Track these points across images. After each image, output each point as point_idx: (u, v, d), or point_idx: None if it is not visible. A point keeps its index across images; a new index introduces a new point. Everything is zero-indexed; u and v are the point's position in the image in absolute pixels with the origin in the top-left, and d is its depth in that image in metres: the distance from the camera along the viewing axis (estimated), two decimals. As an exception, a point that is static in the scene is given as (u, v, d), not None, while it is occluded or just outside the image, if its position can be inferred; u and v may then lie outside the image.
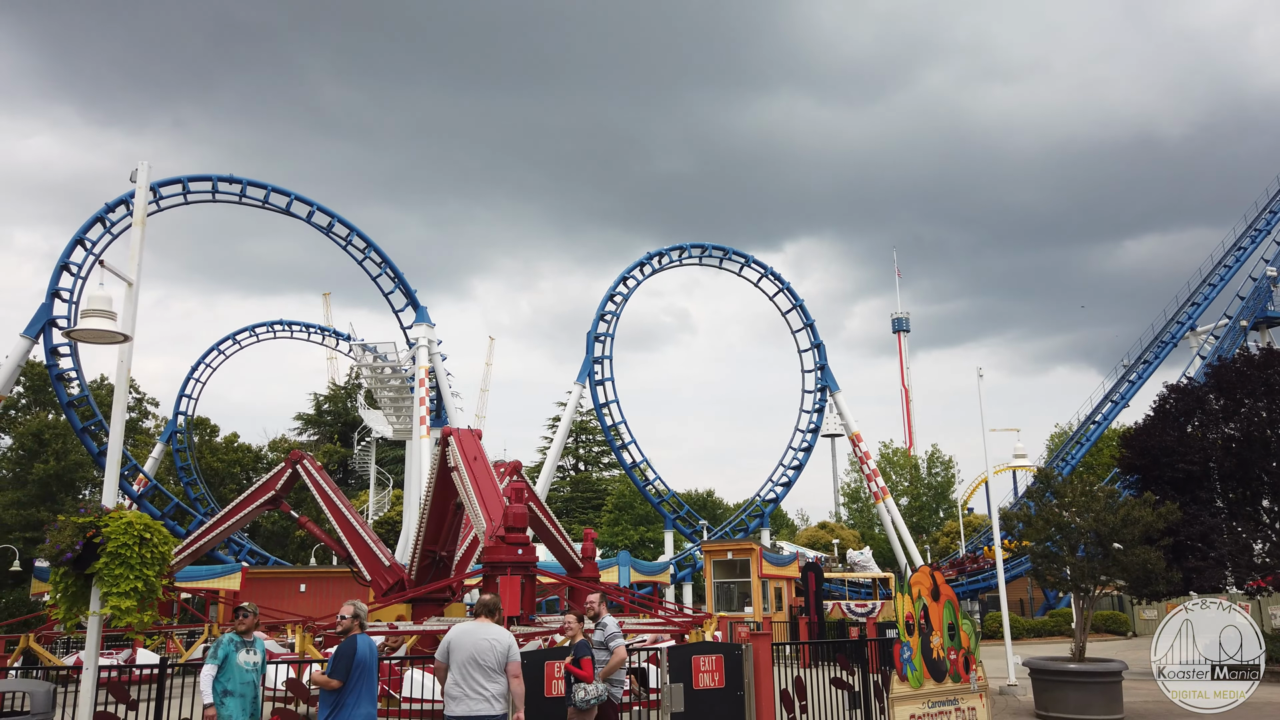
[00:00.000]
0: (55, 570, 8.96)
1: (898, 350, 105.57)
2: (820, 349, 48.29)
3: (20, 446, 49.21)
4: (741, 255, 48.22)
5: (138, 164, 10.12)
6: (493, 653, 7.50)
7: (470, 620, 7.86)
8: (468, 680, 7.38)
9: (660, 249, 47.10)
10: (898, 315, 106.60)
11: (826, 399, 48.04)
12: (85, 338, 9.36)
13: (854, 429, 48.39)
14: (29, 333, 33.89)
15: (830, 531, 61.06)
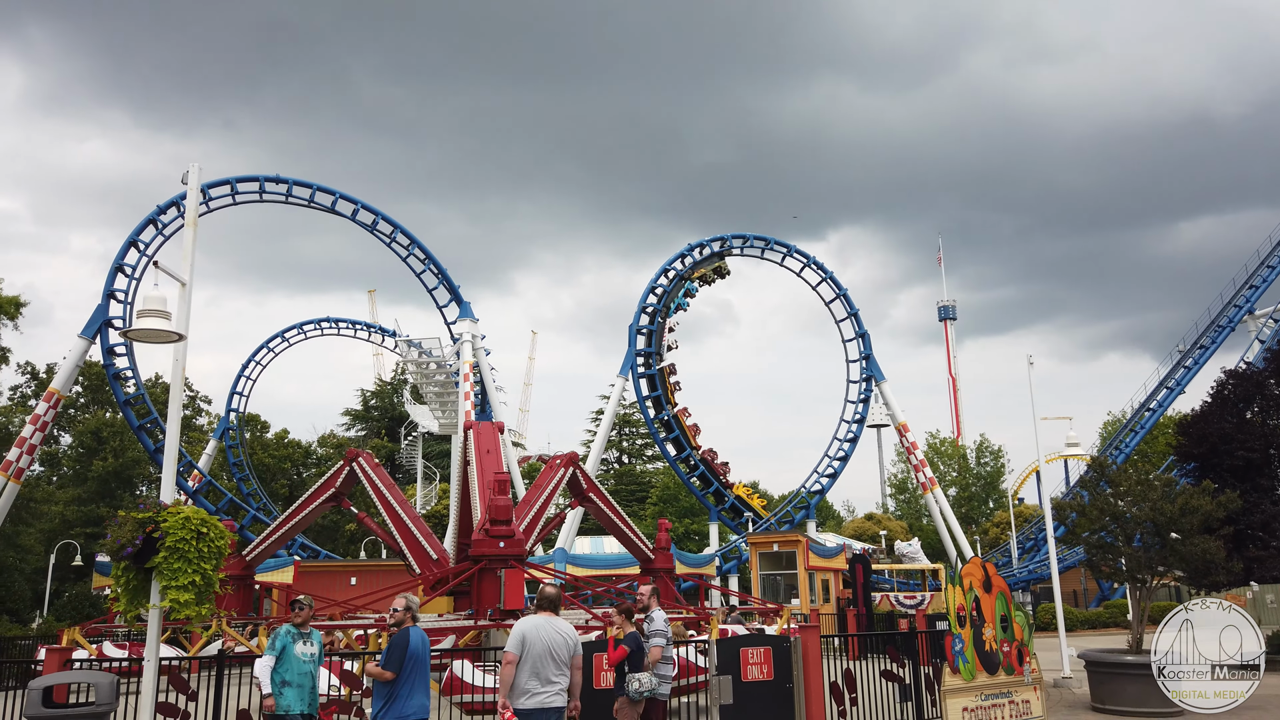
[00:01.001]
0: (116, 565, 9.18)
1: (944, 339, 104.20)
2: (865, 339, 47.80)
3: (80, 444, 50.62)
4: (783, 245, 47.87)
5: (188, 166, 10.28)
6: (565, 646, 7.63)
7: (537, 614, 7.85)
8: (542, 674, 7.45)
9: (701, 240, 46.96)
10: (944, 303, 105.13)
11: (872, 389, 47.56)
12: (141, 337, 9.55)
13: (900, 419, 47.86)
14: (86, 333, 34.77)
15: (877, 523, 60.52)
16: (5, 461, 33.69)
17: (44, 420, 34.59)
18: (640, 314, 44.95)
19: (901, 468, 74.35)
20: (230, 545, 9.72)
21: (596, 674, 10.32)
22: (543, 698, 7.40)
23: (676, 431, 45.87)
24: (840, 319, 48.37)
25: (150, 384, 48.92)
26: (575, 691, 7.72)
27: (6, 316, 25.07)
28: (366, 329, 57.46)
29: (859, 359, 47.77)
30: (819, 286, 48.41)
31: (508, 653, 7.58)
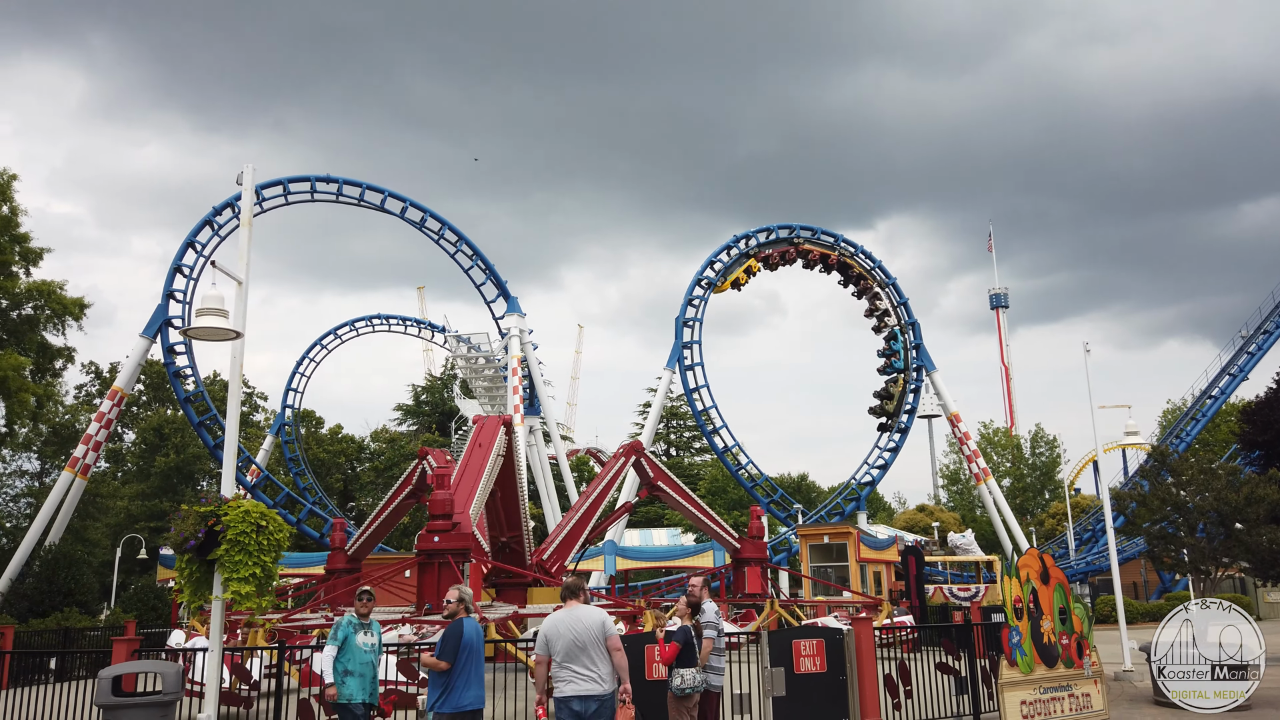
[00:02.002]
0: (180, 557, 9.43)
1: (996, 327, 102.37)
2: (915, 328, 47.18)
3: (143, 441, 52.11)
4: (831, 234, 47.40)
5: (242, 168, 10.47)
6: (590, 633, 7.56)
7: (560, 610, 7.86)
8: (571, 666, 7.46)
9: (747, 231, 46.66)
10: (995, 291, 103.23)
11: (922, 379, 46.95)
12: (200, 335, 9.79)
13: (952, 409, 47.18)
14: (147, 333, 35.69)
15: (929, 514, 59.75)
16: (73, 458, 34.76)
17: (108, 418, 35.59)
18: (686, 306, 44.85)
19: (953, 458, 73.35)
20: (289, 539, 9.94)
21: (648, 665, 10.35)
22: (577, 685, 7.40)
23: (723, 423, 45.75)
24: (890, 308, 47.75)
25: (209, 381, 50.10)
26: (622, 673, 7.64)
27: (71, 317, 25.84)
28: (416, 325, 58.16)
29: (909, 349, 47.15)
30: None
31: (536, 655, 7.63)
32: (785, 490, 51.46)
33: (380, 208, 42.07)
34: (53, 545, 32.19)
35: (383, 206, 42.04)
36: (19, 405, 24.72)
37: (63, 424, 48.48)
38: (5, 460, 47.58)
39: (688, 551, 40.65)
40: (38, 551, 31.92)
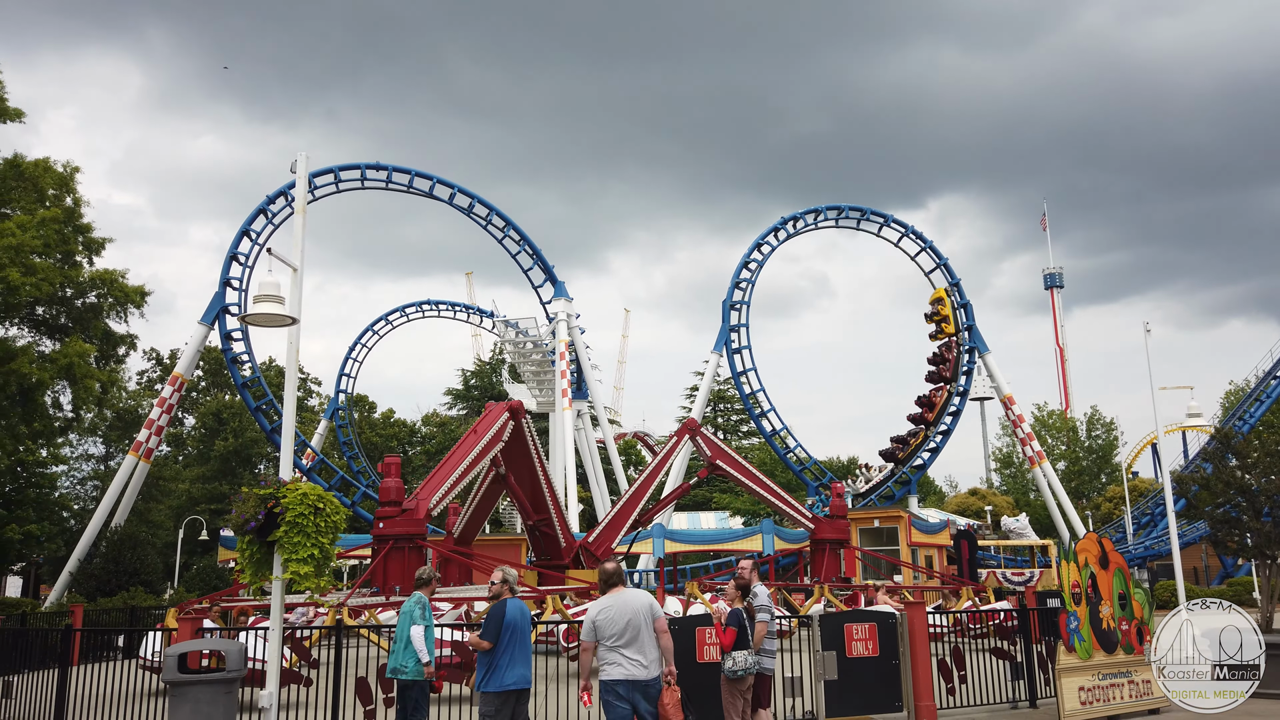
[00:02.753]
0: (241, 538, 9.64)
1: (1051, 308, 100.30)
2: (967, 309, 46.41)
3: (202, 425, 53.43)
4: (880, 215, 46.75)
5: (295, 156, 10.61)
6: (639, 616, 7.57)
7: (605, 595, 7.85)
8: (621, 650, 7.47)
9: (795, 213, 46.24)
10: (1050, 270, 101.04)
11: (975, 361, 46.21)
12: (258, 321, 9.95)
13: (1006, 391, 46.39)
14: (205, 320, 36.51)
15: (982, 498, 58.88)
16: (136, 443, 35.78)
17: (169, 403, 36.54)
18: (733, 289, 44.63)
19: (1006, 441, 72.08)
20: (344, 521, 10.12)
21: (700, 648, 10.37)
22: (626, 669, 7.41)
23: (771, 406, 45.52)
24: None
25: (264, 367, 51.13)
26: (668, 655, 7.67)
27: (133, 305, 26.49)
28: (465, 310, 58.72)
29: (961, 330, 46.42)
30: (918, 256, 47.20)
31: (582, 641, 7.63)
32: (834, 473, 51.07)
33: (429, 194, 42.45)
34: (118, 527, 33.20)
35: (431, 193, 42.41)
36: (84, 391, 25.45)
37: (126, 409, 49.90)
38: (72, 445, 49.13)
39: (736, 535, 40.61)
40: (104, 533, 32.94)
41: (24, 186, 24.67)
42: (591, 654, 7.59)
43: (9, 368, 22.48)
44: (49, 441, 34.34)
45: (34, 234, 23.01)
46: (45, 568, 41.84)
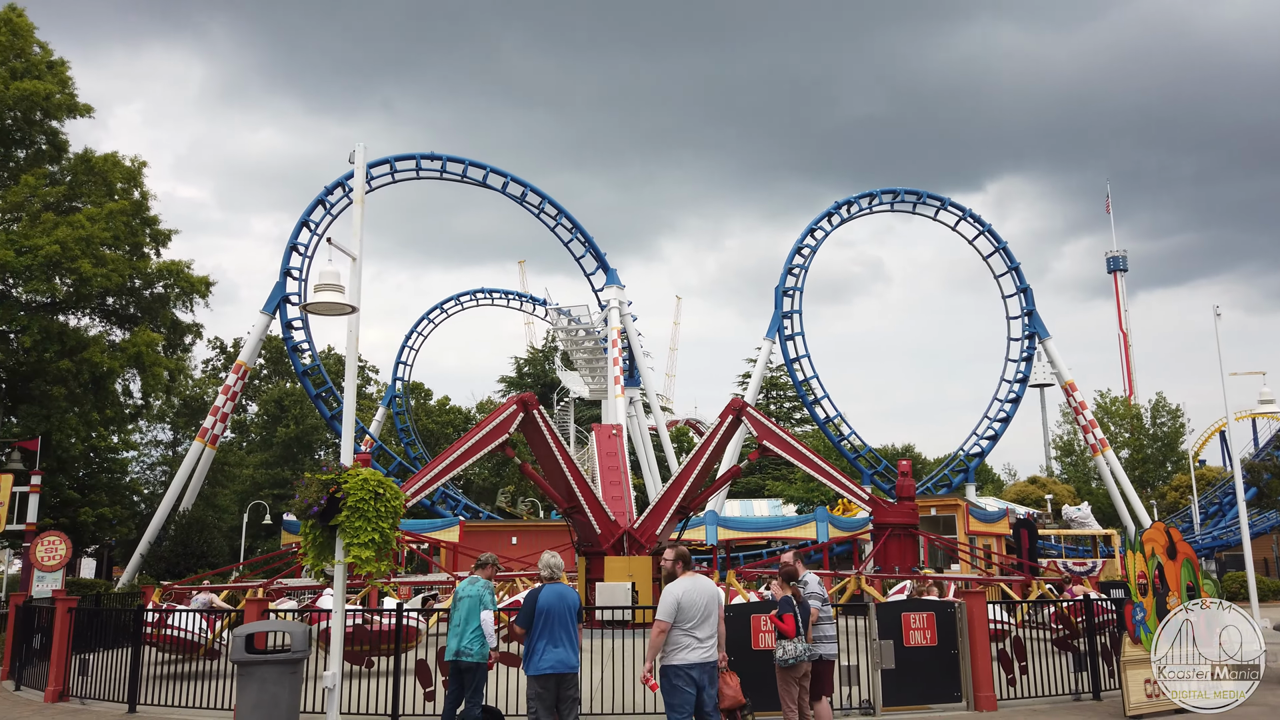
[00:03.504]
0: (304, 523, 9.86)
1: (1114, 291, 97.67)
2: (1027, 294, 45.44)
3: (265, 412, 54.71)
4: (937, 199, 45.93)
5: (353, 148, 10.77)
6: (712, 602, 7.72)
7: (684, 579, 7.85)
8: (696, 634, 7.54)
9: (849, 197, 45.66)
10: (1113, 253, 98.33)
11: (1035, 347, 45.27)
12: (318, 310, 10.14)
13: (1067, 378, 45.36)
14: (267, 309, 37.34)
15: (1042, 487, 57.75)
16: (202, 429, 36.78)
17: (234, 390, 37.48)
18: (786, 276, 44.27)
19: (1067, 429, 70.54)
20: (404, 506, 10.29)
21: (755, 635, 10.36)
22: (701, 653, 7.50)
23: (824, 394, 45.13)
24: (1000, 274, 46.13)
25: (324, 355, 52.19)
26: (722, 642, 7.84)
27: (199, 295, 27.16)
28: (518, 298, 59.16)
29: (1020, 315, 45.49)
30: (976, 240, 46.29)
31: (661, 620, 7.56)
32: (889, 461, 50.50)
33: (482, 183, 42.78)
34: (186, 511, 34.21)
35: (484, 182, 42.72)
36: (153, 379, 26.20)
37: (192, 396, 51.32)
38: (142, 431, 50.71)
39: (789, 523, 40.42)
40: (173, 517, 33.97)
41: (94, 180, 25.42)
42: (665, 635, 7.53)
43: (82, 357, 23.24)
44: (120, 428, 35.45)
45: (104, 226, 23.71)
46: (117, 550, 43.29)
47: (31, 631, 15.21)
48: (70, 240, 22.36)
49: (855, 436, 46.01)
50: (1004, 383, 45.56)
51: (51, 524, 28.07)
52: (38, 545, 19.56)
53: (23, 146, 25.74)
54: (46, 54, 26.00)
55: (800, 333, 44.32)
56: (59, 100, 24.94)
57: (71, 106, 25.53)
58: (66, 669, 13.59)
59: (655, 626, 7.60)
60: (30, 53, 25.49)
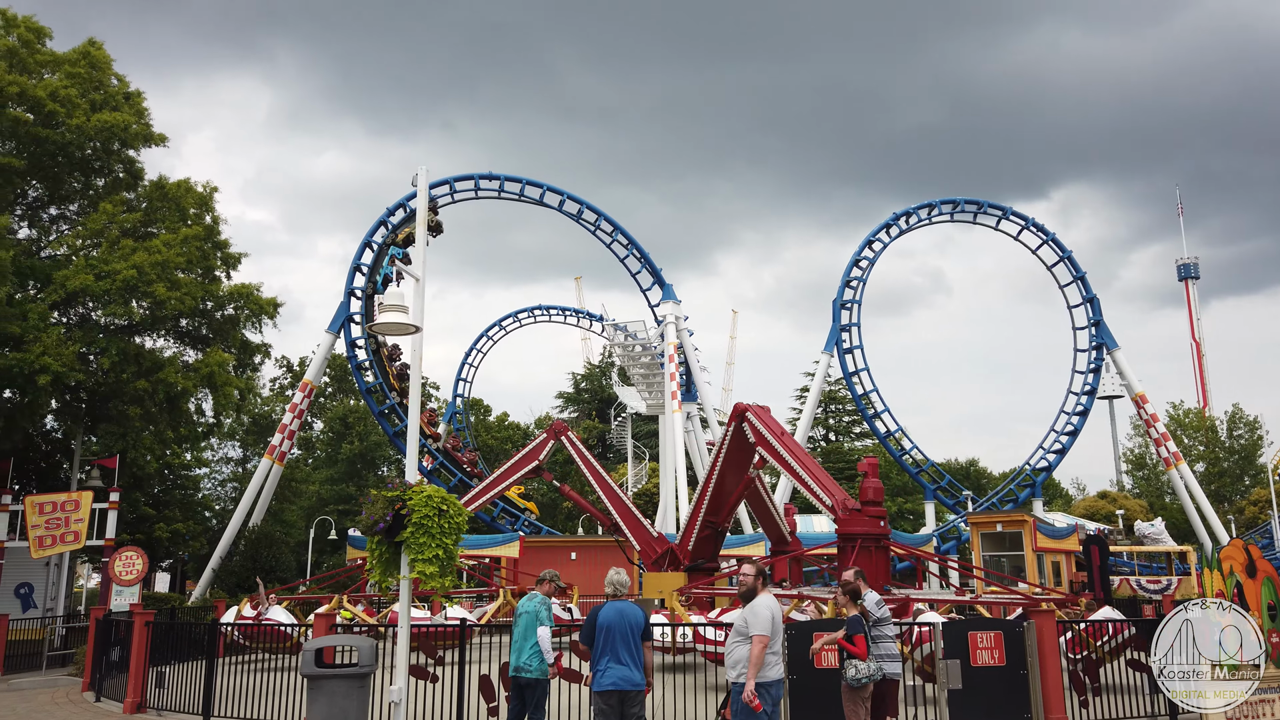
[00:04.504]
0: (371, 539, 10.06)
1: (1185, 300, 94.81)
2: (1094, 303, 44.37)
3: (330, 430, 55.90)
4: (998, 208, 45.18)
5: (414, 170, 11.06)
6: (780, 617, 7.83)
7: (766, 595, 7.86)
8: (775, 649, 7.64)
9: (907, 208, 45.16)
10: (1184, 260, 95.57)
11: (1103, 358, 44.14)
12: (384, 330, 10.38)
13: (1137, 389, 44.12)
14: (332, 328, 38.18)
15: (1112, 502, 56.13)
16: (270, 446, 37.68)
17: (300, 408, 38.34)
18: (844, 288, 43.89)
19: (1138, 442, 68.56)
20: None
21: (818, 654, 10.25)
22: (780, 668, 7.63)
23: (885, 407, 44.55)
24: (1065, 283, 45.16)
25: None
26: None
27: (267, 316, 27.91)
28: (575, 315, 59.59)
29: (1087, 325, 44.42)
30: (1039, 250, 45.39)
31: (762, 635, 7.42)
32: (953, 476, 49.67)
33: (539, 201, 43.29)
34: (255, 526, 35.04)
35: (541, 200, 43.23)
36: (224, 398, 26.95)
37: (261, 415, 52.67)
38: (214, 448, 52.20)
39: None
40: (242, 532, 34.82)
41: (168, 206, 26.34)
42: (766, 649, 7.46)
43: (157, 377, 24.03)
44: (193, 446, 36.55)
45: (178, 251, 24.54)
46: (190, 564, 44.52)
47: (110, 644, 15.74)
48: (146, 265, 23.19)
49: (917, 451, 45.31)
50: (1071, 395, 44.50)
51: (129, 539, 29.06)
52: (116, 560, 20.24)
53: (101, 175, 26.80)
54: (123, 85, 27.06)
55: (859, 346, 43.88)
56: (136, 130, 25.93)
57: (147, 136, 26.53)
58: (144, 680, 14.03)
59: (757, 642, 7.44)
60: (108, 84, 26.57)
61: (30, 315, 22.08)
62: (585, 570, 32.20)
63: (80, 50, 26.35)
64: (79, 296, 23.86)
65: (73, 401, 25.32)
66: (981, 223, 45.82)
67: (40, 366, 21.29)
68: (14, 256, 22.30)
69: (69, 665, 20.95)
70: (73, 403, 25.37)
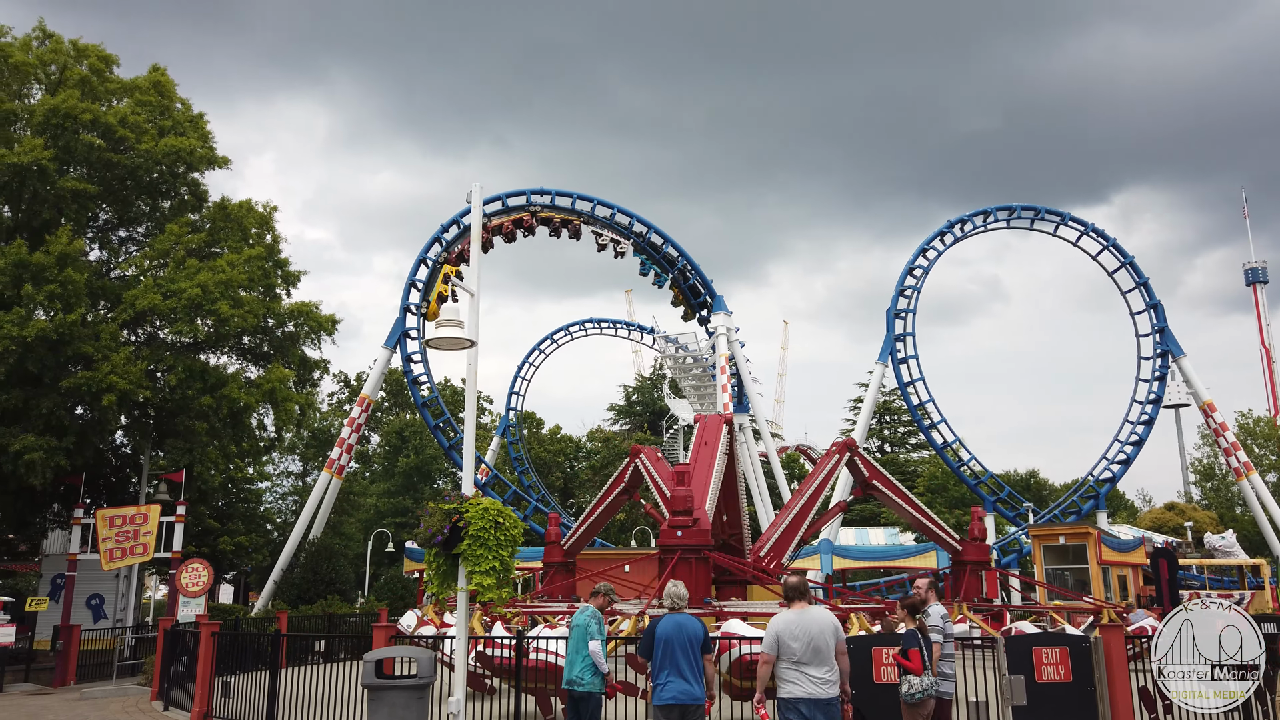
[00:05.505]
0: (428, 551, 10.19)
1: (1254, 305, 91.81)
2: (1158, 310, 43.21)
3: (386, 443, 56.74)
4: (1056, 214, 44.30)
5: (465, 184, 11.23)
6: (824, 636, 7.44)
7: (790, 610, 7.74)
8: (804, 669, 7.35)
9: (961, 215, 44.50)
10: (1252, 265, 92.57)
11: (1168, 365, 42.93)
12: (440, 345, 10.54)
13: (1205, 398, 42.81)
14: (388, 344, 38.82)
15: (1180, 513, 54.44)
16: (329, 460, 38.37)
17: (358, 423, 39.01)
18: (898, 297, 43.37)
19: (1206, 451, 66.46)
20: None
21: (876, 668, 10.12)
22: (808, 687, 7.28)
23: (941, 418, 43.84)
24: (1126, 290, 44.05)
25: (441, 387, 53.81)
26: (846, 677, 7.59)
27: (325, 333, 28.52)
28: (626, 327, 59.76)
29: (1151, 333, 43.25)
30: (1099, 255, 44.36)
31: (763, 653, 7.50)
32: (1012, 487, 48.61)
33: (590, 215, 43.56)
34: (315, 539, 35.69)
35: (592, 214, 43.49)
36: (285, 413, 27.57)
37: (320, 429, 53.70)
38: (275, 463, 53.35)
39: (908, 551, 39.25)
40: (303, 544, 35.48)
41: (231, 227, 27.11)
42: (770, 667, 7.50)
43: (221, 393, 24.68)
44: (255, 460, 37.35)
45: (241, 270, 25.24)
46: (253, 576, 45.47)
47: (177, 654, 16.14)
48: (211, 284, 23.88)
49: (975, 462, 44.52)
50: (1135, 404, 43.33)
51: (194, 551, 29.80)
52: (182, 572, 20.76)
53: (168, 197, 27.68)
54: (188, 110, 27.95)
55: (914, 355, 43.29)
56: (200, 154, 26.75)
57: (211, 159, 27.35)
58: (210, 690, 14.35)
59: (760, 659, 7.59)
60: (174, 110, 27.47)
61: (102, 335, 22.84)
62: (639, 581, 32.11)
63: (148, 77, 27.29)
64: (147, 315, 24.63)
65: (141, 417, 26.10)
66: (1039, 229, 44.97)
67: (107, 385, 21.99)
68: (87, 279, 23.11)
69: (138, 675, 21.54)
70: (141, 419, 26.15)
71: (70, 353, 22.46)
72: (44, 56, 26.02)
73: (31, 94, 26.26)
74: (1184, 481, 78.01)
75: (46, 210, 24.02)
